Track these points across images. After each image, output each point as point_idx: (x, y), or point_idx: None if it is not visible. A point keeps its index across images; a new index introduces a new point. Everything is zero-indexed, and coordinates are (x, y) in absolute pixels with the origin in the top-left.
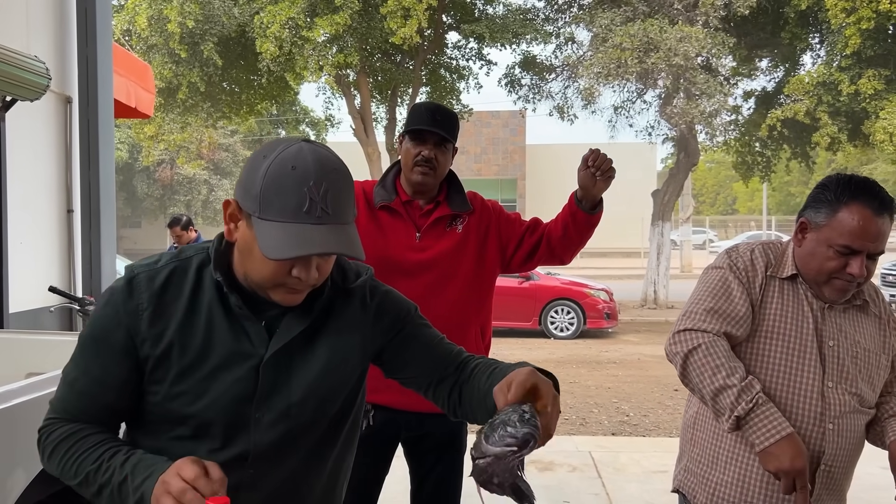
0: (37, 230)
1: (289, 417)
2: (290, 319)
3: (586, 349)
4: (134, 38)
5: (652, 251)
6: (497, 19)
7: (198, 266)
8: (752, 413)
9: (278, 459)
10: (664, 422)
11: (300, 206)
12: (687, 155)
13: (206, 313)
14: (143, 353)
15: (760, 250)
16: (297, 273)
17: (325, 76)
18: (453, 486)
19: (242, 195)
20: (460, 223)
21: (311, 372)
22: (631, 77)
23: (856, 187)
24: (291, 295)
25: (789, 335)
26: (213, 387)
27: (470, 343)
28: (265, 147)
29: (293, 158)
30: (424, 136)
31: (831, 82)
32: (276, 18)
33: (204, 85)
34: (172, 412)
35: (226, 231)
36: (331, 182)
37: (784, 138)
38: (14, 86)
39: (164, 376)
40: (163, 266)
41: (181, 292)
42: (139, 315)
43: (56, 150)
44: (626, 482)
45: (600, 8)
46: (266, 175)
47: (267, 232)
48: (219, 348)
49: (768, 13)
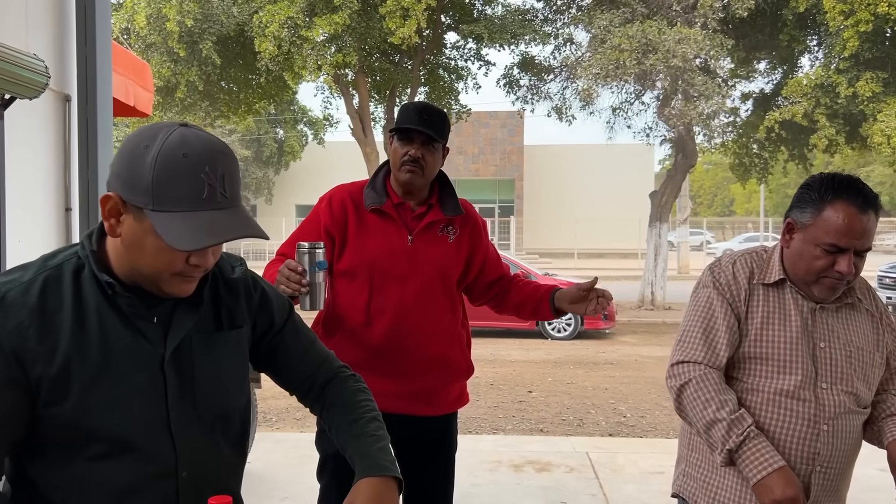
0: (35, 228)
1: (205, 412)
2: (181, 313)
3: (584, 350)
4: (132, 36)
5: (649, 252)
6: (496, 20)
7: (73, 271)
8: (744, 446)
9: (207, 458)
10: (661, 423)
11: (199, 194)
12: (685, 156)
13: (96, 319)
14: (35, 375)
15: (743, 261)
16: (196, 260)
17: (324, 76)
18: (445, 487)
19: (126, 188)
20: (452, 232)
21: (214, 363)
22: (629, 78)
23: (839, 185)
24: (185, 284)
25: (777, 339)
26: (124, 393)
27: (455, 349)
28: (139, 136)
29: (181, 145)
30: (411, 135)
31: (829, 84)
32: (274, 18)
33: (202, 84)
34: (82, 429)
35: (107, 227)
36: (225, 166)
37: (782, 140)
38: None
39: (66, 394)
40: (32, 279)
41: (62, 301)
42: (22, 334)
43: (55, 148)
44: (623, 483)
45: (599, 9)
46: (155, 165)
47: (167, 224)
48: (119, 353)
49: (766, 15)
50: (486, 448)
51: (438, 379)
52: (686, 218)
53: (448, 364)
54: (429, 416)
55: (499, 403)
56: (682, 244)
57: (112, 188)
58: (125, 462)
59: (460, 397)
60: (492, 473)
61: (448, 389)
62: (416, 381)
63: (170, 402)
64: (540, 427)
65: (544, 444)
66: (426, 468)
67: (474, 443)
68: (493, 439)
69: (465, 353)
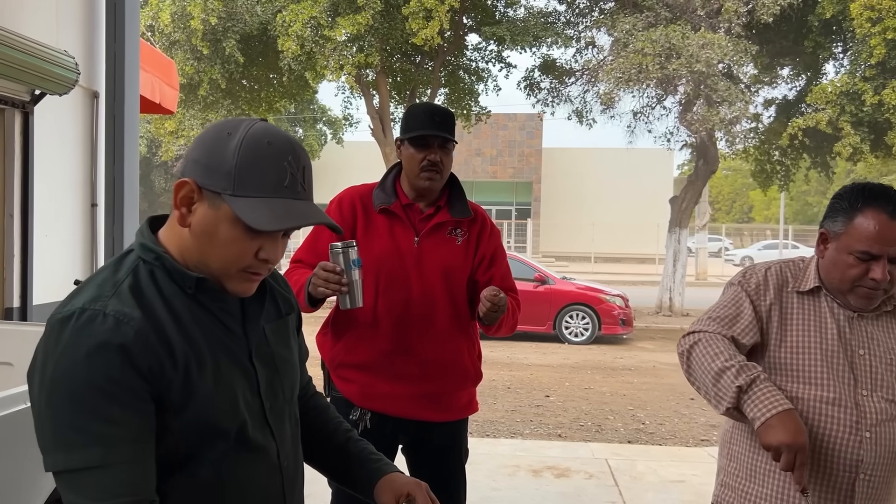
0: (62, 223)
1: (287, 400)
2: (252, 304)
3: (601, 355)
4: (157, 34)
5: (668, 258)
6: (518, 22)
7: (148, 276)
8: (754, 386)
9: (294, 448)
10: (680, 431)
11: (281, 181)
12: (706, 162)
13: (189, 318)
14: (166, 378)
15: (776, 269)
16: (265, 254)
17: (345, 76)
18: (456, 491)
19: (205, 173)
20: (461, 234)
21: (287, 349)
22: (651, 82)
23: (870, 193)
24: (249, 283)
25: (813, 347)
26: (233, 387)
27: (462, 353)
28: (221, 125)
29: (265, 134)
30: (428, 140)
31: (854, 92)
32: (298, 17)
33: (225, 82)
34: (207, 430)
35: (178, 217)
36: (305, 160)
37: (804, 147)
38: (44, 80)
39: (191, 395)
40: (117, 292)
41: (154, 307)
42: (144, 339)
43: (82, 144)
44: (643, 491)
45: (622, 13)
46: (240, 150)
47: (247, 207)
48: (218, 348)
49: (792, 21)
50: (505, 452)
51: (445, 383)
52: (705, 224)
53: (454, 368)
54: (436, 421)
55: (516, 407)
56: (701, 250)
57: (188, 174)
58: (244, 461)
59: (469, 404)
60: (510, 478)
61: (456, 395)
62: (422, 384)
63: (262, 393)
64: (558, 432)
65: (563, 449)
66: (432, 475)
67: (492, 446)
68: (511, 443)
69: (472, 358)
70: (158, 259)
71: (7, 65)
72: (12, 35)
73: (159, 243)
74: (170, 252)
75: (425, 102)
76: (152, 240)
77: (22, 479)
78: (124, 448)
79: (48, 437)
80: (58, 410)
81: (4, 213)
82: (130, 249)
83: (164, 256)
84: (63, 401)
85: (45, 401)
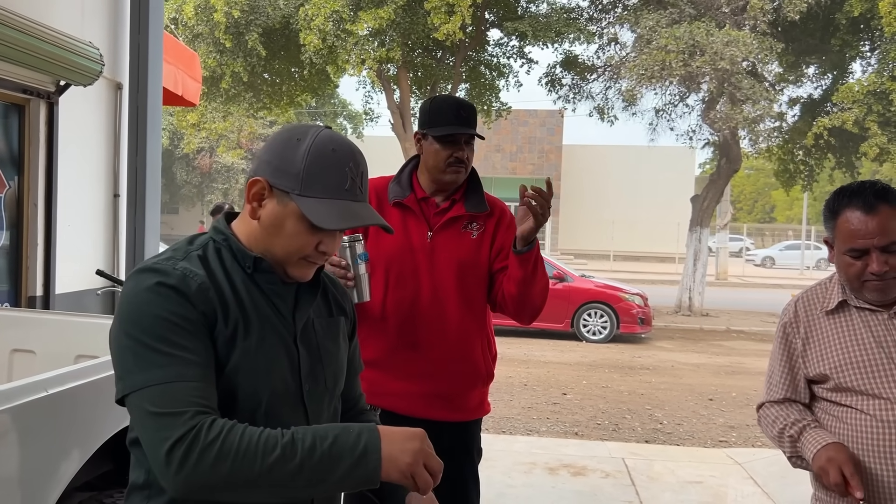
0: (84, 213)
1: (328, 389)
2: (304, 294)
3: (619, 354)
4: (180, 26)
5: (689, 257)
6: (540, 17)
7: (215, 252)
8: (805, 433)
9: None
10: (699, 431)
11: (342, 184)
12: (729, 161)
13: (245, 292)
14: (218, 328)
15: (806, 297)
16: (324, 247)
17: (367, 70)
18: (467, 490)
19: (276, 174)
20: (477, 228)
21: (333, 344)
22: (674, 80)
23: (844, 195)
24: (308, 269)
25: (857, 360)
26: (271, 360)
27: (475, 351)
28: (290, 130)
29: (330, 141)
30: (456, 137)
31: (882, 91)
32: (320, 11)
33: (247, 75)
34: (235, 395)
35: (249, 210)
36: (364, 165)
37: (830, 147)
38: (69, 71)
39: (229, 357)
40: (187, 256)
41: (216, 275)
42: (204, 293)
43: (105, 135)
44: (660, 491)
45: (646, 9)
46: (308, 155)
47: (312, 206)
48: (266, 323)
49: (818, 19)
50: (521, 449)
51: (454, 381)
52: (726, 223)
53: (465, 366)
54: (446, 420)
55: (533, 404)
56: (722, 250)
57: (260, 173)
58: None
59: (481, 405)
60: (526, 475)
61: (468, 395)
62: (431, 383)
63: (303, 374)
64: (575, 430)
65: (579, 447)
66: (444, 477)
67: (508, 443)
68: (528, 440)
69: (485, 357)
70: (227, 240)
71: (33, 55)
72: (38, 26)
73: (231, 230)
74: (238, 238)
75: (447, 95)
76: (225, 226)
77: (43, 466)
78: (196, 369)
79: (129, 362)
80: (135, 340)
81: (29, 203)
82: (205, 233)
83: (231, 238)
84: (138, 331)
85: (124, 333)
